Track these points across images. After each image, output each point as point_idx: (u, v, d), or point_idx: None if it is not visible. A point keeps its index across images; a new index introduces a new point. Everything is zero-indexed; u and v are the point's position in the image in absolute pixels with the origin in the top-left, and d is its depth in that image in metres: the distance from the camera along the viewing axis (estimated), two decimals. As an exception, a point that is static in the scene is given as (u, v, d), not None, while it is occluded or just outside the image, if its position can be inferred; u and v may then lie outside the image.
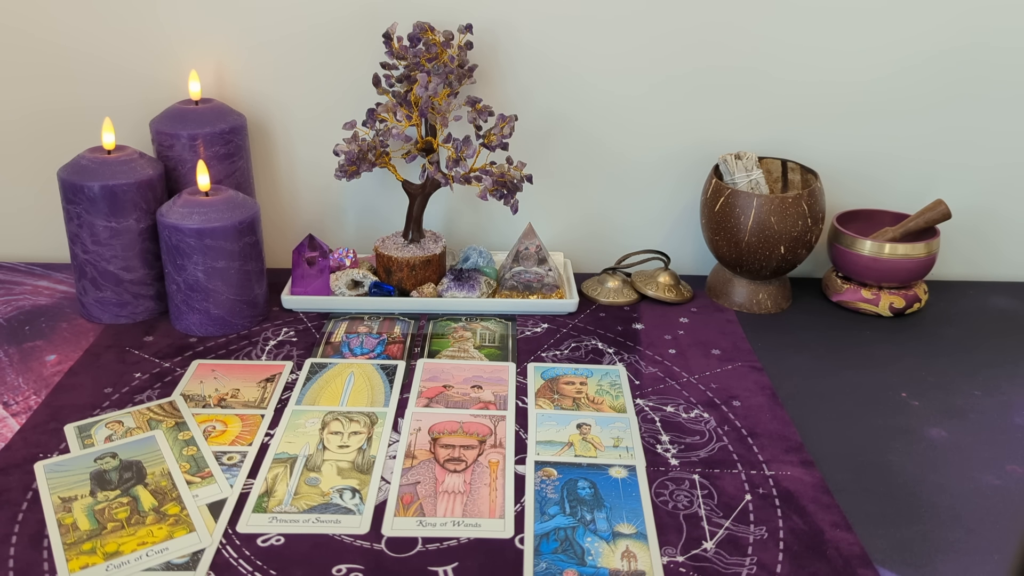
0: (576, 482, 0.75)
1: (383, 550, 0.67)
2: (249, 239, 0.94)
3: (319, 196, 1.13)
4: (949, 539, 0.70)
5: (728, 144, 1.09)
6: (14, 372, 0.89)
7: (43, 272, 1.09)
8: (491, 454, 0.78)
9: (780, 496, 0.74)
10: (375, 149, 0.99)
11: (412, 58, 0.97)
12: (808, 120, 1.09)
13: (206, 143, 0.99)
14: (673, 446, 0.80)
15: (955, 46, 1.05)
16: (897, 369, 0.94)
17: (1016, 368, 0.94)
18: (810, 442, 0.81)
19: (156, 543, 0.67)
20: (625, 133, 1.10)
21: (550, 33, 1.05)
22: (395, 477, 0.75)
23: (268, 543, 0.67)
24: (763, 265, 1.01)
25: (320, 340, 0.96)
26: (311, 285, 1.01)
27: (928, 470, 0.78)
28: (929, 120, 1.09)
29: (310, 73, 1.06)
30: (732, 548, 0.68)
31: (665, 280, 1.07)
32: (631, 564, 0.66)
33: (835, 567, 0.66)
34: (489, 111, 0.99)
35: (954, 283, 1.13)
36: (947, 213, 1.02)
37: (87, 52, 1.05)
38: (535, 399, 0.86)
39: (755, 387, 0.89)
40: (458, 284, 1.02)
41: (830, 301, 1.07)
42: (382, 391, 0.87)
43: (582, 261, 1.15)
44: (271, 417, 0.83)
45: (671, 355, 0.95)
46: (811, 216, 0.99)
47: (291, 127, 1.09)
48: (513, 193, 0.99)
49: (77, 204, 0.93)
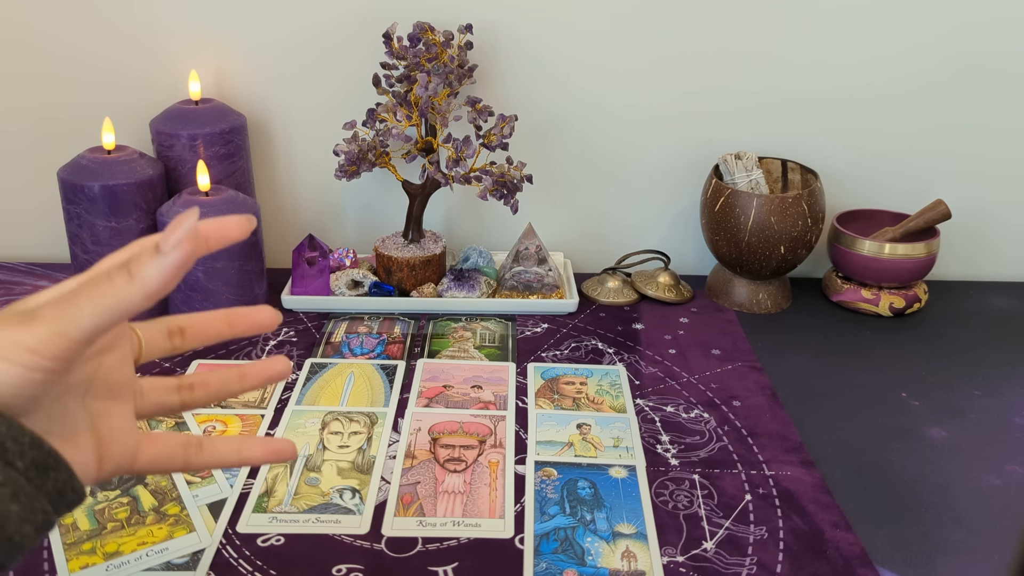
0: (576, 482, 0.75)
1: (383, 550, 0.67)
2: (249, 239, 0.94)
3: (319, 196, 1.13)
4: (949, 539, 0.70)
5: (728, 144, 1.09)
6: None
7: (43, 272, 1.09)
8: (491, 454, 0.78)
9: (780, 496, 0.74)
10: (375, 149, 0.99)
11: (412, 58, 0.97)
12: (808, 120, 1.09)
13: (206, 143, 0.99)
14: (673, 446, 0.80)
15: (955, 48, 1.05)
16: (897, 369, 0.94)
17: (1016, 368, 0.94)
18: (810, 442, 0.81)
19: (156, 543, 0.67)
20: (625, 133, 1.10)
21: (550, 33, 1.05)
22: (395, 477, 0.75)
23: (268, 543, 0.67)
24: (763, 265, 1.01)
25: (320, 340, 0.96)
26: (311, 285, 1.01)
27: (928, 470, 0.78)
28: (929, 120, 1.08)
29: (310, 73, 1.06)
30: (732, 548, 0.68)
31: (665, 280, 1.07)
32: (631, 564, 0.66)
33: (835, 567, 0.66)
34: (489, 111, 0.99)
35: (954, 283, 1.13)
36: (947, 213, 1.02)
37: (87, 53, 1.05)
38: (535, 399, 0.86)
39: (755, 387, 0.89)
40: (458, 284, 1.02)
41: (830, 301, 1.07)
42: (382, 391, 0.87)
43: (582, 261, 1.15)
44: (271, 417, 0.83)
45: (671, 355, 0.95)
46: (811, 216, 0.99)
47: (291, 127, 1.09)
48: (513, 193, 0.99)
49: (77, 204, 0.93)
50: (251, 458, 0.50)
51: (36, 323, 0.38)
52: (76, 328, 0.38)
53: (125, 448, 0.45)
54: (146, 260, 0.37)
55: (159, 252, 0.37)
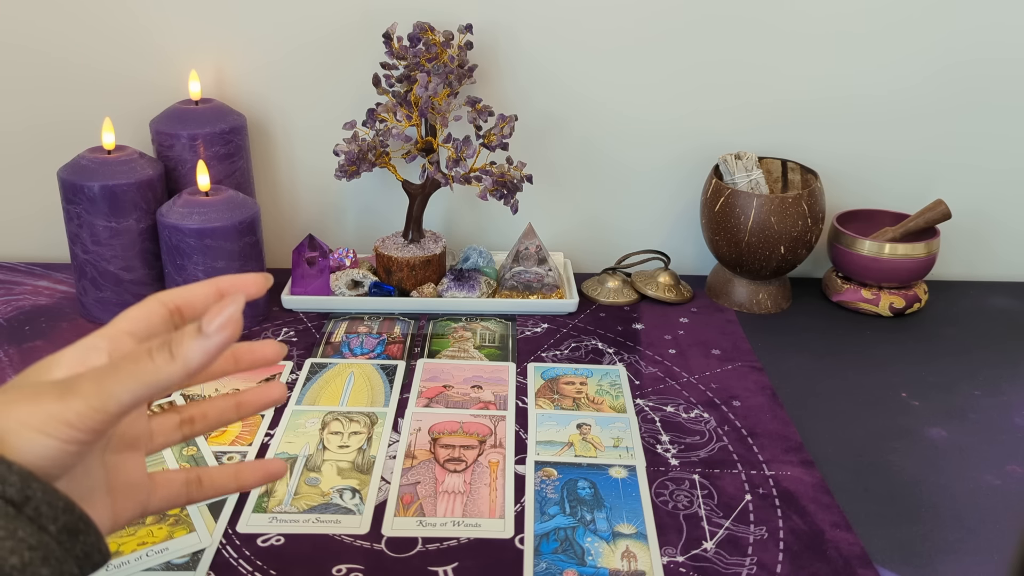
0: (576, 482, 0.74)
1: (383, 550, 0.67)
2: (249, 239, 0.94)
3: (319, 196, 1.13)
4: (949, 539, 0.70)
5: (728, 144, 1.09)
6: (14, 372, 0.89)
7: (43, 272, 1.09)
8: (491, 454, 0.78)
9: (780, 496, 0.74)
10: (375, 149, 0.99)
11: (412, 58, 0.97)
12: (808, 120, 1.09)
13: (206, 143, 0.99)
14: (673, 446, 0.80)
15: (955, 51, 1.05)
16: (897, 369, 0.94)
17: (1016, 368, 0.94)
18: (810, 442, 0.81)
19: (156, 543, 0.67)
20: (625, 133, 1.10)
21: (550, 33, 1.05)
22: (395, 477, 0.75)
23: (268, 543, 0.67)
24: (763, 265, 1.01)
25: (320, 340, 0.96)
26: (311, 285, 1.01)
27: (928, 470, 0.78)
28: (929, 120, 1.08)
29: (310, 73, 1.06)
30: (732, 548, 0.68)
31: (665, 280, 1.07)
32: (631, 564, 0.66)
33: (835, 567, 0.66)
34: (489, 111, 0.99)
35: (954, 283, 1.13)
36: (947, 213, 1.02)
37: (87, 53, 1.05)
38: (535, 399, 0.86)
39: (755, 387, 0.89)
40: (458, 284, 1.02)
41: (830, 301, 1.07)
42: (382, 391, 0.87)
43: (582, 261, 1.15)
44: (271, 417, 0.83)
45: (671, 355, 0.95)
46: (811, 216, 0.99)
47: (291, 127, 1.09)
48: (513, 193, 0.99)
49: (77, 204, 0.93)
50: (247, 483, 0.52)
51: (74, 397, 0.38)
52: (115, 404, 0.39)
53: (139, 499, 0.47)
54: (188, 340, 0.38)
55: (202, 334, 0.38)
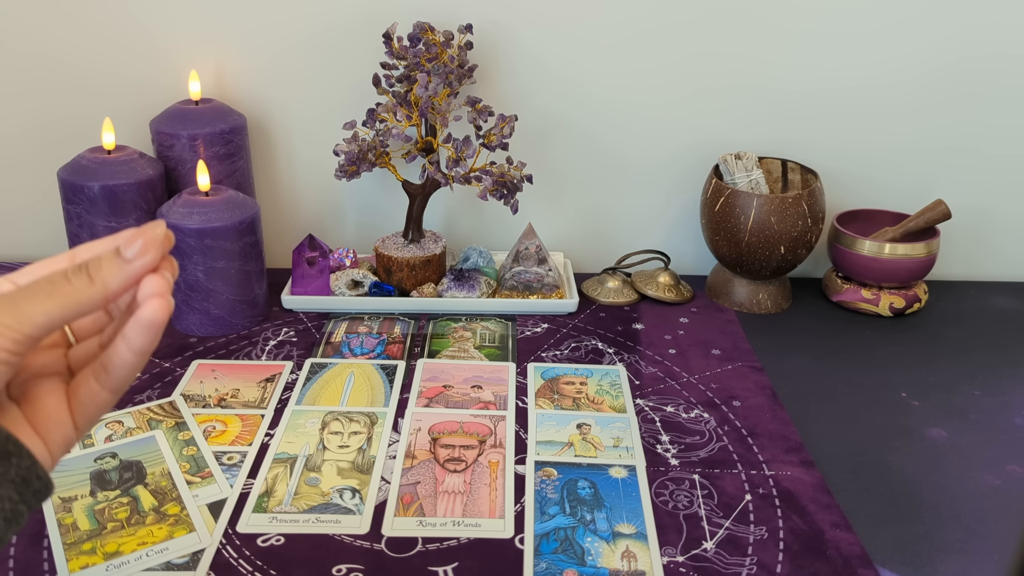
0: (576, 482, 0.74)
1: (383, 550, 0.67)
2: (249, 239, 0.94)
3: (319, 196, 1.13)
4: (949, 539, 0.70)
5: (728, 144, 1.09)
6: (14, 372, 0.89)
7: (43, 272, 1.09)
8: (491, 454, 0.78)
9: (780, 496, 0.74)
10: (375, 149, 0.99)
11: (412, 58, 0.97)
12: (808, 120, 1.09)
13: (206, 143, 0.99)
14: (673, 446, 0.80)
15: (955, 50, 1.05)
16: (897, 369, 0.94)
17: (1016, 368, 0.94)
18: (810, 442, 0.81)
19: (156, 543, 0.67)
20: (625, 133, 1.10)
21: (550, 33, 1.05)
22: (395, 477, 0.75)
23: (268, 543, 0.67)
24: (763, 265, 1.01)
25: (320, 340, 0.96)
26: (311, 285, 1.01)
27: (928, 470, 0.78)
28: (929, 120, 1.08)
29: (310, 73, 1.06)
30: (732, 548, 0.68)
31: (665, 280, 1.07)
32: (631, 564, 0.66)
33: (835, 567, 0.66)
34: (489, 111, 0.99)
35: (954, 283, 1.13)
36: (947, 213, 1.02)
37: (87, 54, 1.04)
38: (535, 399, 0.86)
39: (755, 387, 0.89)
40: (458, 284, 1.02)
41: (830, 301, 1.07)
42: (382, 391, 0.87)
43: (582, 261, 1.15)
44: (271, 417, 0.83)
45: (671, 355, 0.95)
46: (811, 216, 0.99)
47: (291, 127, 1.09)
48: (513, 193, 0.99)
49: (77, 204, 0.93)
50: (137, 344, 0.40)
51: None
52: (30, 324, 0.37)
53: (64, 433, 0.42)
54: (107, 264, 0.37)
55: (121, 257, 0.37)
